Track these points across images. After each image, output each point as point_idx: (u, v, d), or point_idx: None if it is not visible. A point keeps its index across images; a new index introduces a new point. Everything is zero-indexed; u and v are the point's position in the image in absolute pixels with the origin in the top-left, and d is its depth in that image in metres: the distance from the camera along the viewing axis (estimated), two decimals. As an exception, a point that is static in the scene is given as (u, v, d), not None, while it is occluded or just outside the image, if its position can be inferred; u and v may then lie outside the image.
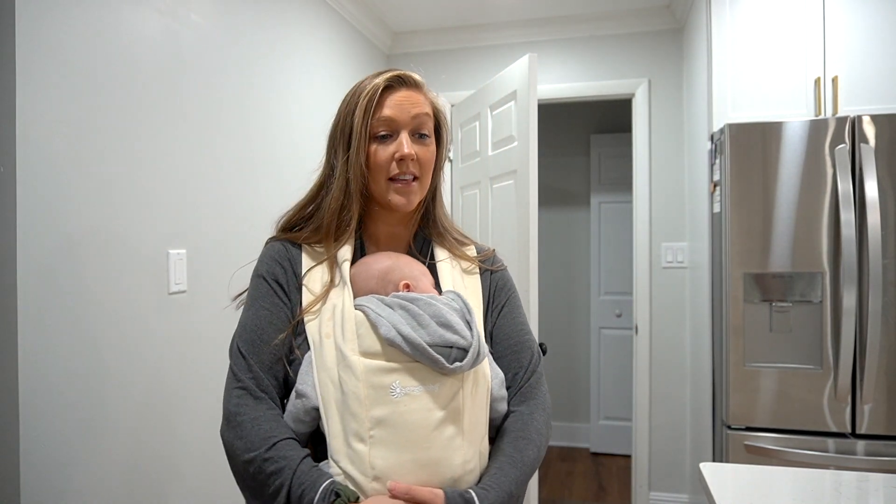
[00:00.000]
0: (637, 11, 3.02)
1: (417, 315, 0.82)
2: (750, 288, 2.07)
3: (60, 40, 1.31)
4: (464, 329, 0.82)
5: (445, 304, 0.85)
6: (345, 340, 0.82)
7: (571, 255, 4.25)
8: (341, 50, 2.78)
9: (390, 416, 0.78)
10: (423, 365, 0.81)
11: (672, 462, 3.02)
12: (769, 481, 1.24)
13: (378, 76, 0.94)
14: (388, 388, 0.79)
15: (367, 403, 0.79)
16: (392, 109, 0.92)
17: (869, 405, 1.97)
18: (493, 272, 1.02)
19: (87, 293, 1.37)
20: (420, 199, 0.96)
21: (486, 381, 0.86)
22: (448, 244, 1.00)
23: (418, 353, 0.79)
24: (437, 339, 0.80)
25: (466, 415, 0.82)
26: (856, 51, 2.19)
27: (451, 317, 0.82)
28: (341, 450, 0.80)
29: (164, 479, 1.62)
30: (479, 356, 0.81)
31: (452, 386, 0.81)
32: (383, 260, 0.92)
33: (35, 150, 1.25)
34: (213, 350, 1.81)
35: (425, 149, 0.94)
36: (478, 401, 0.84)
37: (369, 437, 0.78)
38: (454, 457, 0.80)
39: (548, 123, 4.03)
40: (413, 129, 0.93)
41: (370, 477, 0.78)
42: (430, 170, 0.96)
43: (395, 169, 0.91)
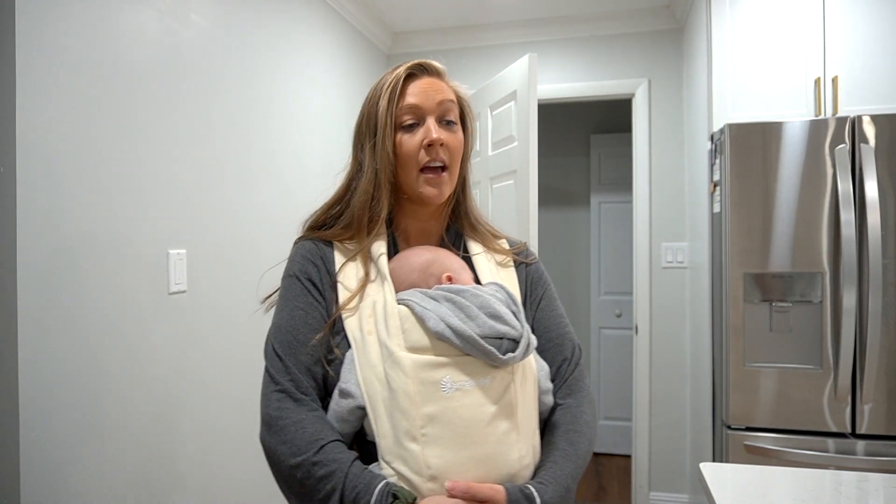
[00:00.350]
0: (637, 11, 3.02)
1: (465, 307, 0.79)
2: (750, 288, 2.07)
3: (60, 40, 1.31)
4: (513, 319, 0.80)
5: (491, 294, 0.83)
6: (389, 336, 0.80)
7: (571, 255, 4.25)
8: (341, 50, 2.78)
9: (442, 413, 0.76)
10: (473, 358, 0.78)
11: (672, 462, 3.02)
12: (769, 481, 1.24)
13: (399, 67, 0.93)
14: (439, 384, 0.77)
15: (418, 400, 0.76)
16: (416, 97, 0.90)
17: (869, 405, 1.97)
18: (527, 265, 1.00)
19: (87, 293, 1.37)
20: (451, 190, 0.93)
21: (533, 374, 0.85)
22: (481, 237, 0.98)
23: (469, 345, 0.77)
24: (488, 330, 0.78)
25: (519, 408, 0.80)
26: (856, 51, 2.19)
27: (500, 307, 0.80)
28: (392, 450, 0.77)
29: (164, 478, 1.61)
30: (529, 346, 0.80)
31: (504, 379, 0.79)
32: (423, 253, 0.90)
33: (35, 150, 1.25)
34: (214, 350, 1.81)
35: (453, 135, 0.92)
36: (528, 393, 0.83)
37: (422, 435, 0.75)
38: (510, 452, 0.78)
39: (548, 123, 4.03)
40: (439, 115, 0.91)
41: (426, 477, 0.75)
42: (458, 158, 0.93)
43: (425, 157, 0.89)
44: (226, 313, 1.87)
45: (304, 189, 2.37)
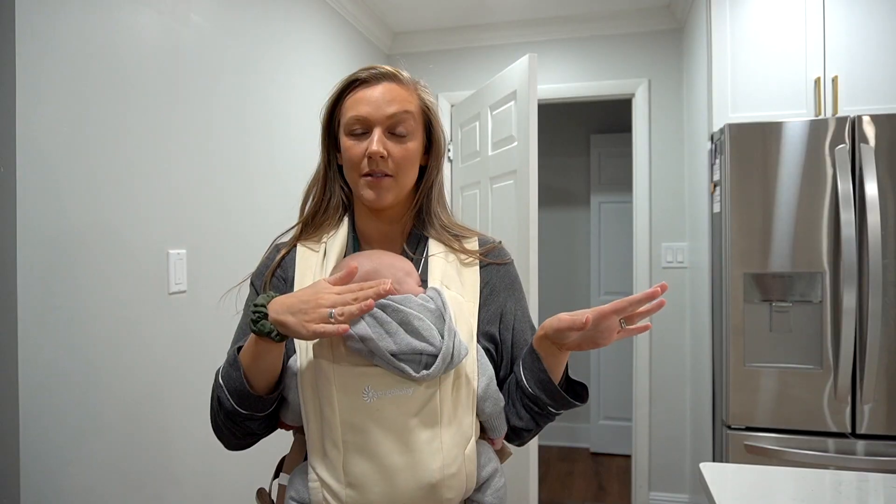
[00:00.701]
0: (637, 11, 3.02)
1: (385, 322, 0.79)
2: (750, 288, 2.07)
3: (60, 40, 1.31)
4: (433, 335, 0.79)
5: (420, 305, 0.81)
6: (321, 346, 0.81)
7: (571, 255, 4.25)
8: (341, 50, 2.78)
9: (363, 422, 0.77)
10: None
11: (672, 462, 3.02)
12: (769, 481, 1.24)
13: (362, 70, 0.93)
14: (361, 393, 0.77)
15: (339, 409, 0.77)
16: (366, 106, 0.90)
17: (869, 405, 1.97)
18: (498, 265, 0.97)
19: (87, 293, 1.37)
20: (395, 195, 0.92)
21: (469, 381, 0.84)
22: (445, 239, 0.96)
23: (383, 363, 0.77)
24: (405, 346, 0.77)
25: (445, 418, 0.79)
26: (856, 51, 2.19)
27: (420, 322, 0.79)
28: (318, 456, 0.79)
29: (164, 478, 1.62)
30: (451, 360, 0.79)
31: (428, 389, 0.79)
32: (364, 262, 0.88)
33: (35, 150, 1.25)
34: (213, 350, 1.81)
35: (400, 147, 0.91)
36: (461, 402, 0.82)
37: (343, 442, 0.77)
38: (431, 462, 0.77)
39: (548, 123, 4.03)
40: (388, 126, 0.90)
41: (344, 484, 0.76)
42: (407, 167, 0.92)
43: (366, 166, 0.90)
44: (226, 313, 1.87)
45: (303, 188, 2.36)
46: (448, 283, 0.90)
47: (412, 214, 0.98)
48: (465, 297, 0.91)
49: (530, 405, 0.89)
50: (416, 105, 0.94)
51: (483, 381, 0.86)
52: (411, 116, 0.92)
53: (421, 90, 0.96)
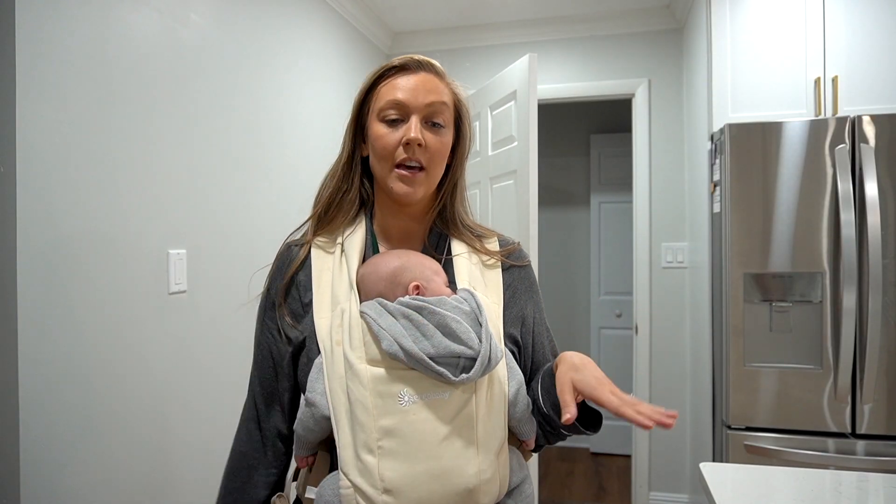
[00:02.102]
0: (637, 11, 3.02)
1: (421, 325, 0.78)
2: (750, 288, 2.07)
3: (60, 40, 1.31)
4: (471, 338, 0.77)
5: (454, 307, 0.80)
6: (352, 348, 0.79)
7: (571, 255, 4.25)
8: (341, 49, 2.78)
9: (399, 426, 0.75)
10: None
11: (672, 462, 3.02)
12: (769, 481, 1.24)
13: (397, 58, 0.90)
14: (396, 397, 0.76)
15: (375, 413, 0.76)
16: (404, 92, 0.87)
17: (869, 405, 1.97)
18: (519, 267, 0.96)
19: (87, 293, 1.37)
20: (425, 191, 0.90)
21: (502, 385, 0.82)
22: (466, 238, 0.94)
23: (421, 367, 0.76)
24: (443, 350, 0.76)
25: (480, 423, 0.78)
26: (856, 51, 2.19)
27: (458, 325, 0.78)
28: (351, 462, 0.76)
29: (164, 477, 1.62)
30: (489, 363, 0.77)
31: (464, 393, 0.78)
32: (392, 260, 0.87)
33: (35, 150, 1.25)
34: (213, 350, 1.81)
35: (437, 138, 0.88)
36: (494, 407, 0.80)
37: (378, 448, 0.75)
38: (467, 466, 0.76)
39: (548, 123, 4.03)
40: (426, 115, 0.87)
41: (380, 490, 0.74)
42: (440, 161, 0.90)
43: (402, 153, 0.86)
44: (226, 313, 1.87)
45: (304, 188, 2.37)
46: (474, 285, 0.89)
47: (435, 212, 0.95)
48: (491, 298, 0.90)
49: (543, 424, 0.88)
50: (451, 98, 0.92)
51: (514, 385, 0.84)
52: (447, 108, 0.90)
53: (454, 85, 0.94)
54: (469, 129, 0.95)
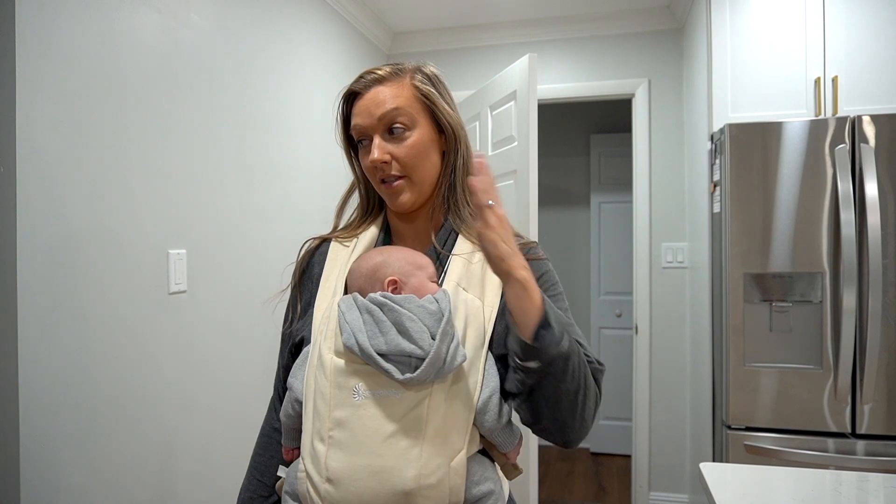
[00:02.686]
0: (637, 11, 3.02)
1: (380, 321, 0.78)
2: (750, 288, 2.07)
3: (60, 40, 1.31)
4: (424, 338, 0.76)
5: (420, 306, 0.79)
6: (325, 339, 0.82)
7: (571, 255, 4.25)
8: (341, 50, 2.78)
9: (349, 419, 0.76)
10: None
11: (672, 462, 3.02)
12: (769, 481, 1.24)
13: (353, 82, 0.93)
14: (352, 390, 0.77)
15: (332, 403, 0.78)
16: (359, 117, 0.90)
17: (869, 405, 1.97)
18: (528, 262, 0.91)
19: (88, 293, 1.38)
20: (416, 195, 0.91)
21: (469, 391, 0.79)
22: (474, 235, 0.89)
23: (372, 362, 0.76)
24: (394, 347, 0.76)
25: (431, 426, 0.76)
26: (856, 51, 2.19)
27: (412, 324, 0.77)
28: (307, 448, 0.79)
29: (164, 478, 1.62)
30: (444, 366, 0.75)
31: (418, 393, 0.76)
32: (375, 256, 0.88)
33: (35, 150, 1.25)
34: (214, 350, 1.81)
35: (402, 145, 0.89)
36: (454, 411, 0.78)
37: (329, 437, 0.77)
38: (407, 469, 0.74)
39: (548, 123, 4.03)
40: (384, 127, 0.89)
41: (324, 478, 0.76)
42: (418, 162, 0.90)
43: (378, 174, 0.91)
44: (226, 313, 1.87)
45: (304, 188, 2.37)
46: (466, 286, 0.86)
47: (442, 207, 0.95)
48: (485, 300, 0.86)
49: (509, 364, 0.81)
50: (408, 96, 0.90)
51: (485, 393, 0.80)
52: (402, 111, 0.89)
53: (413, 79, 0.92)
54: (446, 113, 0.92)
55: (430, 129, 0.92)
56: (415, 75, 0.93)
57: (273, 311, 1.01)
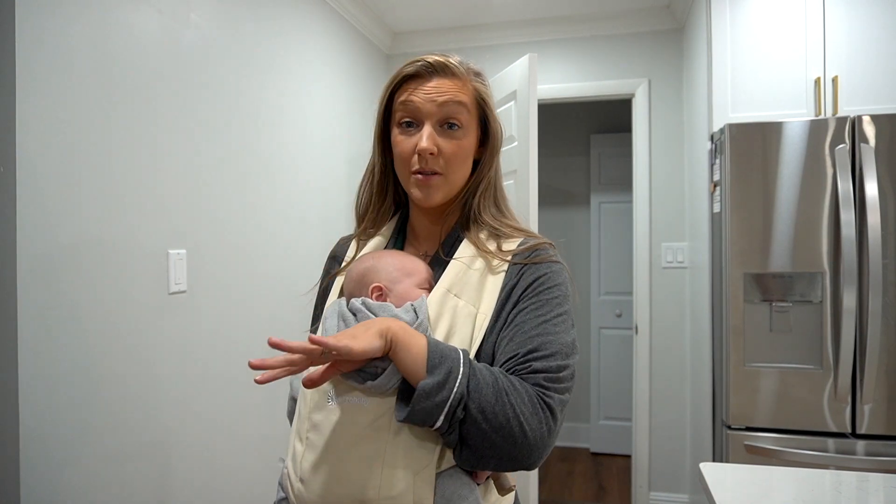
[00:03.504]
0: (637, 11, 3.02)
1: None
2: (750, 288, 2.07)
3: (60, 40, 1.31)
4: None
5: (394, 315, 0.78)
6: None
7: (571, 255, 4.25)
8: (341, 49, 2.78)
9: (322, 423, 0.77)
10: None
11: (672, 462, 3.02)
12: (769, 481, 1.24)
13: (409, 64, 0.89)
14: (327, 395, 0.78)
15: (311, 406, 0.79)
16: (417, 97, 0.86)
17: (869, 405, 1.97)
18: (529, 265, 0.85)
19: (87, 293, 1.37)
20: (446, 193, 0.89)
21: None
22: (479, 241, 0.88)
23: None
24: None
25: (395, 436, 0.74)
26: (856, 51, 2.19)
27: None
28: (290, 445, 0.82)
29: (164, 478, 1.61)
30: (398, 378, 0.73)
31: (383, 402, 0.75)
32: (366, 261, 0.88)
33: (35, 150, 1.25)
34: (213, 350, 1.81)
35: (453, 142, 0.86)
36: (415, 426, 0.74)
37: (306, 438, 0.79)
38: (369, 478, 0.73)
39: (548, 123, 4.03)
40: (440, 119, 0.86)
41: (297, 477, 0.78)
42: (459, 164, 0.88)
43: (416, 164, 0.86)
44: (226, 313, 1.87)
45: (304, 188, 2.37)
46: (459, 292, 0.83)
47: (456, 212, 0.93)
48: (479, 307, 0.82)
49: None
50: (470, 96, 0.89)
51: None
52: (464, 108, 0.87)
53: (475, 80, 0.90)
54: (497, 125, 0.92)
55: (476, 134, 0.91)
56: (473, 76, 0.91)
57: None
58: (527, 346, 0.79)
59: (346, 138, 2.76)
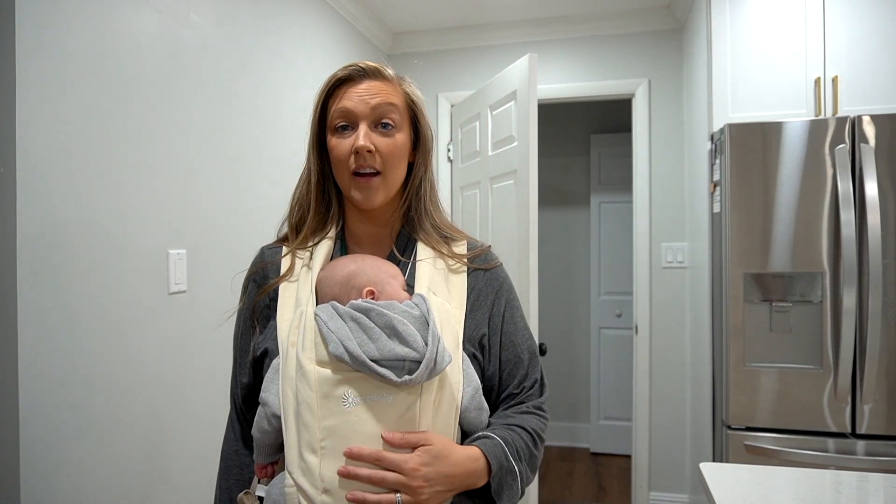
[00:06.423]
0: (637, 11, 3.02)
1: (368, 328, 0.78)
2: (750, 288, 2.07)
3: (60, 40, 1.31)
4: (417, 340, 0.77)
5: (402, 311, 0.80)
6: (303, 349, 0.80)
7: (571, 255, 4.25)
8: (341, 50, 2.78)
9: (341, 427, 0.76)
10: None
11: (672, 462, 3.02)
12: (769, 481, 1.24)
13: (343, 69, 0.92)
14: (341, 398, 0.77)
15: (320, 414, 0.77)
16: (350, 100, 0.89)
17: (869, 405, 1.97)
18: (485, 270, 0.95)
19: (87, 293, 1.37)
20: (385, 195, 0.91)
21: (453, 391, 0.82)
22: (433, 241, 0.94)
23: (365, 369, 0.76)
24: (388, 353, 0.76)
25: (422, 426, 0.78)
26: (856, 51, 2.19)
27: (404, 327, 0.78)
28: (295, 461, 0.77)
29: (164, 478, 1.62)
30: (434, 367, 0.77)
31: (409, 396, 0.77)
32: (348, 264, 0.88)
33: (35, 150, 1.25)
34: (213, 350, 1.81)
35: (388, 140, 0.89)
36: (442, 411, 0.80)
37: (321, 448, 0.76)
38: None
39: (548, 123, 4.03)
40: (374, 119, 0.89)
41: (320, 490, 0.75)
42: (396, 163, 0.91)
43: (353, 163, 0.88)
44: (226, 313, 1.87)
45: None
46: (435, 290, 0.88)
47: (401, 214, 0.97)
48: (452, 304, 0.89)
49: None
50: (401, 98, 0.92)
51: (468, 391, 0.84)
52: (396, 109, 0.90)
53: (405, 84, 0.94)
54: (427, 126, 0.95)
55: (409, 136, 0.94)
56: (405, 81, 0.95)
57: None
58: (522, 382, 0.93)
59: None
